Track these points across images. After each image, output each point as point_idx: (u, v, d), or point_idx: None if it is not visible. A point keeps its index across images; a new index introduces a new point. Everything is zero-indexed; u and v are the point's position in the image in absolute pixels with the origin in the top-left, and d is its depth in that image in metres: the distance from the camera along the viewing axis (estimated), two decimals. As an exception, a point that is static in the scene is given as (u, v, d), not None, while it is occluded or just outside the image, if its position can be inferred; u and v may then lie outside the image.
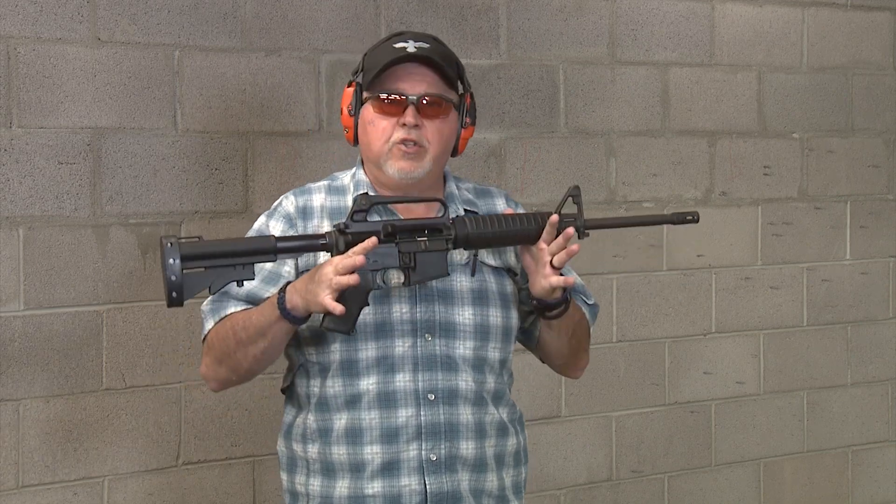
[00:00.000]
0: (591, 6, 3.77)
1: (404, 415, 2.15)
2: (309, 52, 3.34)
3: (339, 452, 2.17)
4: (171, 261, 1.96)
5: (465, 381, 2.18)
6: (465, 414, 2.18)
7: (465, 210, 2.26)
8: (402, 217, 2.21)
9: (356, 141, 2.25)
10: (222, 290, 2.15)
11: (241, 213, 3.25)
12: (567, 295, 2.18)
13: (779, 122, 4.12)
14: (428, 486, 2.15)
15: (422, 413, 2.15)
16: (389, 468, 2.15)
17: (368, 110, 2.19)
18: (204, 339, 2.21)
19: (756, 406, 4.12)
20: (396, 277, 2.13)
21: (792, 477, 4.20)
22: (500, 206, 2.32)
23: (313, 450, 2.20)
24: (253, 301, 2.17)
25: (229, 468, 3.27)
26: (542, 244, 2.13)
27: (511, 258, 2.27)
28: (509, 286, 2.25)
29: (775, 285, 4.13)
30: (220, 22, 3.23)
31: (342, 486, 2.17)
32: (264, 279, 2.18)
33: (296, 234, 2.16)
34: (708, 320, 4.01)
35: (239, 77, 3.25)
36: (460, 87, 2.25)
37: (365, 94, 2.20)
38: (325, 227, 2.21)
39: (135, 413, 3.15)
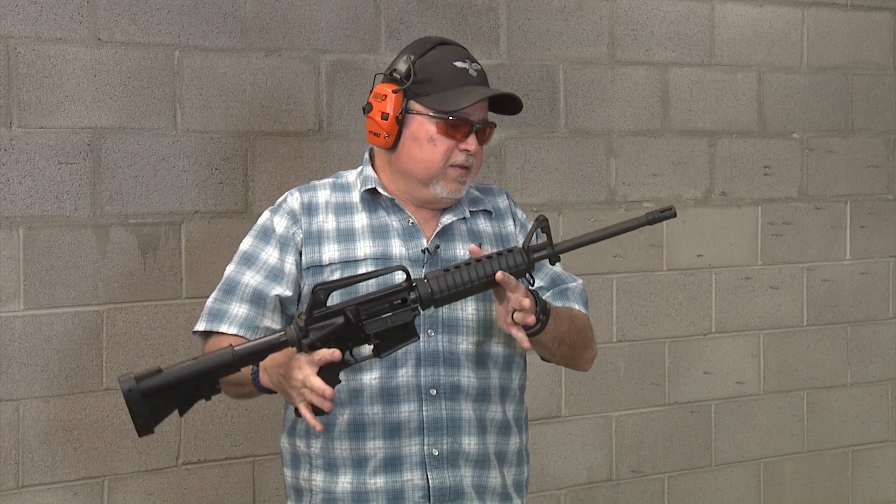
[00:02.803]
0: (591, 6, 3.77)
1: (406, 410, 2.16)
2: (309, 52, 3.34)
3: (342, 448, 2.18)
4: (133, 403, 1.97)
5: (467, 377, 2.19)
6: (467, 409, 2.19)
7: (471, 211, 2.28)
8: (412, 219, 2.22)
9: (395, 144, 2.21)
10: (227, 287, 2.21)
11: (241, 213, 3.25)
12: (540, 316, 2.12)
13: (779, 122, 4.12)
14: (430, 481, 2.16)
15: (424, 408, 2.16)
16: (392, 463, 2.16)
17: (425, 127, 2.18)
18: (195, 332, 2.25)
19: (756, 406, 4.12)
20: (367, 350, 2.09)
21: (792, 477, 4.20)
22: (502, 204, 2.34)
23: (316, 445, 2.21)
24: (259, 299, 2.19)
25: (229, 468, 3.27)
26: (508, 293, 2.07)
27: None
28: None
29: (775, 285, 4.13)
30: (220, 22, 3.23)
31: (344, 481, 2.18)
32: (268, 276, 2.21)
33: (254, 339, 2.10)
34: (708, 320, 4.01)
35: (239, 77, 3.25)
36: None
37: (420, 108, 2.18)
38: (331, 220, 2.22)
39: (135, 413, 3.15)
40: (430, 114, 2.17)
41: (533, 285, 2.19)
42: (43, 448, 3.05)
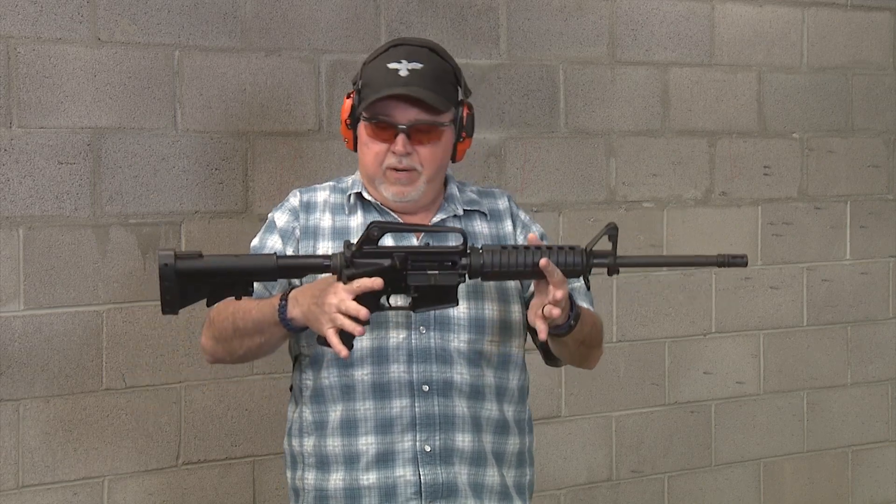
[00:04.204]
0: (591, 6, 3.77)
1: (398, 405, 2.16)
2: (309, 52, 3.34)
3: (334, 444, 2.19)
4: (166, 279, 1.98)
5: (459, 374, 2.19)
6: (461, 406, 2.19)
7: (465, 210, 2.28)
8: (401, 221, 2.22)
9: (355, 147, 2.28)
10: None
11: (241, 213, 3.25)
12: (571, 321, 2.13)
13: (779, 122, 4.12)
14: (422, 477, 2.16)
15: (416, 404, 2.16)
16: (384, 459, 2.16)
17: (363, 130, 2.22)
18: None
19: (756, 406, 4.12)
20: (402, 299, 2.11)
21: (792, 477, 4.20)
22: (502, 206, 2.34)
23: (308, 443, 2.22)
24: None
25: (229, 468, 3.27)
26: (550, 286, 2.05)
27: None
28: (510, 281, 2.25)
29: (775, 285, 4.13)
30: (220, 22, 3.23)
31: (336, 479, 2.18)
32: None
33: (300, 255, 2.19)
34: (708, 320, 4.01)
35: (239, 77, 3.25)
36: (460, 92, 2.26)
37: (359, 111, 2.22)
38: (327, 218, 2.25)
39: (135, 413, 3.15)
40: (360, 117, 2.20)
41: (589, 289, 2.20)
42: (43, 448, 3.05)
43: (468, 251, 2.07)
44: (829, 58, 4.21)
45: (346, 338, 2.01)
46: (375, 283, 2.00)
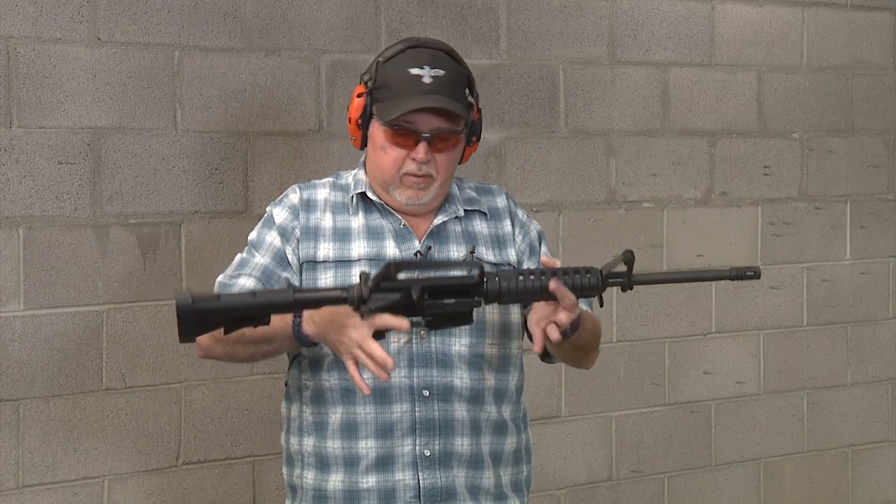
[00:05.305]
0: (591, 6, 3.77)
1: (399, 410, 2.17)
2: (309, 52, 3.35)
3: (334, 446, 2.19)
4: (183, 319, 1.95)
5: (460, 379, 2.19)
6: (461, 411, 2.19)
7: (466, 210, 2.28)
8: (402, 221, 2.22)
9: (363, 146, 2.26)
10: (238, 264, 2.23)
11: (241, 213, 3.25)
12: (568, 333, 2.10)
13: (779, 122, 4.12)
14: (421, 481, 2.16)
15: (416, 409, 2.17)
16: (384, 462, 2.17)
17: (380, 133, 2.19)
18: None
19: (756, 406, 4.12)
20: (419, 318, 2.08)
21: (792, 477, 4.20)
22: (500, 204, 2.34)
23: (308, 443, 2.22)
24: (268, 278, 2.20)
25: (229, 468, 3.27)
26: (560, 307, 2.05)
27: (511, 254, 2.28)
28: None
29: (775, 285, 4.13)
30: (220, 22, 3.23)
31: (336, 480, 2.19)
32: (274, 258, 2.22)
33: (315, 288, 2.16)
34: (708, 320, 4.01)
35: (239, 77, 3.25)
36: (469, 97, 2.25)
37: (375, 113, 2.19)
38: (328, 218, 2.24)
39: (135, 413, 3.15)
40: (380, 121, 2.18)
41: (602, 306, 2.20)
42: (43, 448, 3.05)
43: (485, 280, 2.02)
44: (829, 58, 4.21)
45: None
46: (402, 325, 1.97)
